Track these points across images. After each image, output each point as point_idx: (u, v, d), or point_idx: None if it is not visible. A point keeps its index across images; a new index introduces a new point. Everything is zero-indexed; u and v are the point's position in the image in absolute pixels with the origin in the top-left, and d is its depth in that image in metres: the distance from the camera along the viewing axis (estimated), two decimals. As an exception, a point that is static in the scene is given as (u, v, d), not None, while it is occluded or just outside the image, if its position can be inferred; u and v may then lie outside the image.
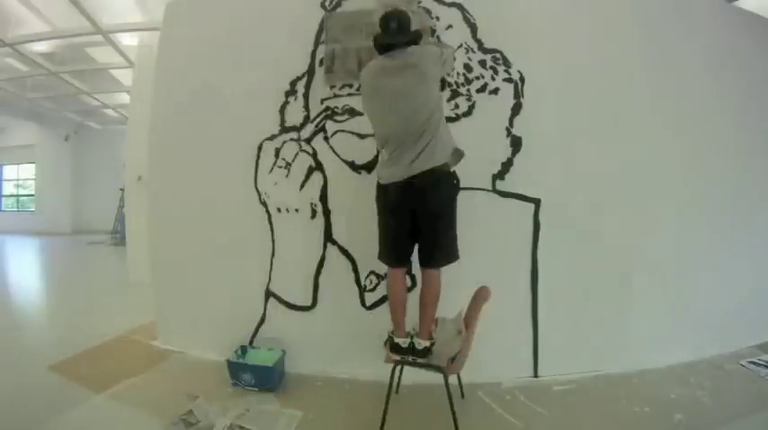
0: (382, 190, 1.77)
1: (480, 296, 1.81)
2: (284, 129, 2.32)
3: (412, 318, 1.79)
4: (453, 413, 1.61)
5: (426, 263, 1.72)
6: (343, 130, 2.25)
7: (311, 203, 2.29)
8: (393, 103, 1.67)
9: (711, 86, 2.46)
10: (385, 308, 2.19)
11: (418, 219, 1.69)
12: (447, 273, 1.71)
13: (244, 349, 2.27)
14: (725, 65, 2.50)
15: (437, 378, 1.62)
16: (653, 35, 2.34)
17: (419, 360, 1.68)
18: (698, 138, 2.42)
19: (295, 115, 2.31)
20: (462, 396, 1.98)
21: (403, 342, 1.72)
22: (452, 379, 1.79)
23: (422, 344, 1.68)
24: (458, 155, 1.76)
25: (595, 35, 2.27)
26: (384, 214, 1.80)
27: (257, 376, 2.09)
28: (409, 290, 2.16)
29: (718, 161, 2.48)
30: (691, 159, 2.42)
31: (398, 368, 1.76)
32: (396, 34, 1.72)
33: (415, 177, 1.64)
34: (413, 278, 2.18)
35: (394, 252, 1.79)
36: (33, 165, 9.87)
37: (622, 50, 2.30)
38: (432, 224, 1.69)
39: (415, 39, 1.76)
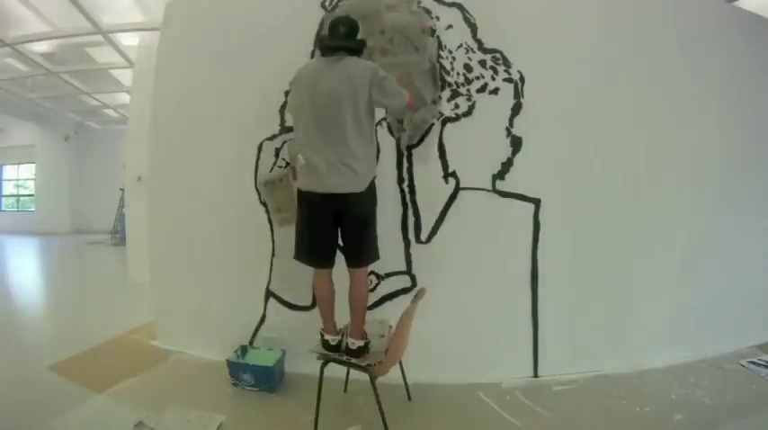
0: (304, 196, 1.75)
1: (417, 297, 1.78)
2: (284, 130, 2.32)
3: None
4: (382, 412, 1.59)
5: (354, 263, 1.77)
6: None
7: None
8: (327, 102, 1.65)
9: (712, 86, 2.45)
10: (385, 308, 2.20)
11: (343, 226, 1.73)
12: (446, 272, 1.69)
13: (244, 349, 2.27)
14: (724, 64, 2.50)
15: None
16: (653, 35, 2.34)
17: (352, 359, 1.69)
18: (698, 138, 2.42)
19: (295, 115, 2.31)
20: (409, 398, 1.96)
21: (332, 339, 1.75)
22: (397, 379, 1.80)
23: (355, 344, 1.71)
24: (373, 182, 1.77)
25: (595, 35, 2.27)
26: (307, 216, 1.78)
27: (257, 376, 2.09)
28: (409, 289, 2.17)
29: (719, 162, 2.48)
30: (692, 160, 2.42)
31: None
32: (343, 39, 1.74)
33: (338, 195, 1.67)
34: (412, 278, 2.18)
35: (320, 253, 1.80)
36: (33, 165, 9.85)
37: (622, 50, 2.30)
38: (357, 229, 1.74)
39: (359, 48, 1.78)
